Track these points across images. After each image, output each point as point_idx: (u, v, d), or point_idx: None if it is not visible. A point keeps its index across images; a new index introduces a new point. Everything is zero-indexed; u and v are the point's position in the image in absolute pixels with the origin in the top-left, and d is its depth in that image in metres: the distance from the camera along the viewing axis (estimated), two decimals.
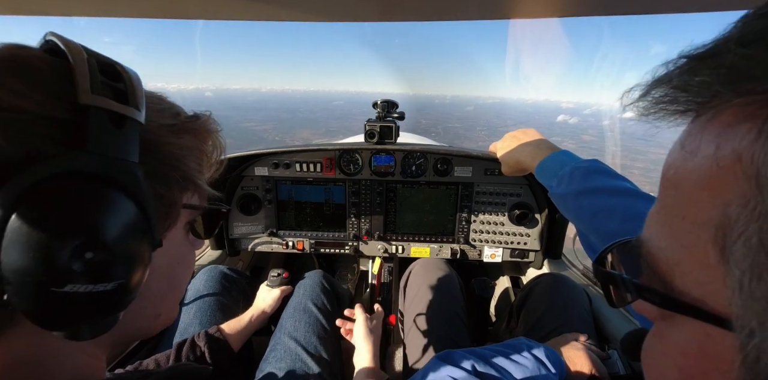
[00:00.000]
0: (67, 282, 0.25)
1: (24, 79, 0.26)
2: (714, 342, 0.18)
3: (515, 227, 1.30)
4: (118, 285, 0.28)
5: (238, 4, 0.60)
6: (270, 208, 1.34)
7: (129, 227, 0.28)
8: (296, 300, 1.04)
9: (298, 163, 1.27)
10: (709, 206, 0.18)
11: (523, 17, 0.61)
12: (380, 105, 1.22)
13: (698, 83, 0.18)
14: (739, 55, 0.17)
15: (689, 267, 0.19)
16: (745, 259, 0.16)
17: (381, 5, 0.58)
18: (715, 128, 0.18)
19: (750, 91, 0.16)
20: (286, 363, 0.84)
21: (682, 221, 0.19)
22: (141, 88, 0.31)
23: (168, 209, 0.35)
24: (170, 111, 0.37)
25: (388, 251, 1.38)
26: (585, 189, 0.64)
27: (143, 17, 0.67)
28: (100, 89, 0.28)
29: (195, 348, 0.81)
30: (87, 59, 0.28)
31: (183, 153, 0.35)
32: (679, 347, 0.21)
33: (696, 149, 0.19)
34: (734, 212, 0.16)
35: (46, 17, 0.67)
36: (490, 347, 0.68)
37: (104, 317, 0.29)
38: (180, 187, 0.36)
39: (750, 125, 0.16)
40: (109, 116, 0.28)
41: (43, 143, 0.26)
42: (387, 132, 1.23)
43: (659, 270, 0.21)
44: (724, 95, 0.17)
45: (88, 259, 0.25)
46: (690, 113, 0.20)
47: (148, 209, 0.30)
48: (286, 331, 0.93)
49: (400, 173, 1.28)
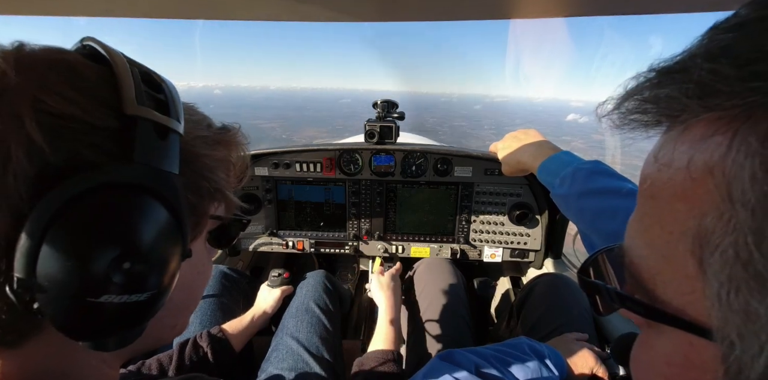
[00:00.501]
0: (104, 293, 0.25)
1: (73, 86, 0.26)
2: (698, 351, 0.18)
3: (515, 227, 1.30)
4: (151, 295, 0.28)
5: (238, 4, 0.60)
6: (270, 208, 1.34)
7: (165, 239, 0.28)
8: (299, 300, 1.04)
9: (298, 163, 1.27)
10: (686, 217, 0.18)
11: (523, 17, 0.61)
12: (380, 105, 1.22)
13: (667, 97, 0.19)
14: (706, 70, 0.17)
15: (670, 277, 0.19)
16: (722, 271, 0.16)
17: (381, 5, 0.58)
18: (686, 141, 0.19)
19: (718, 106, 0.17)
20: (288, 363, 0.84)
21: (661, 230, 0.20)
22: (179, 99, 0.31)
23: (197, 219, 0.35)
24: (204, 123, 0.37)
25: (388, 251, 1.38)
26: (587, 190, 0.64)
27: (143, 17, 0.67)
28: (144, 100, 0.28)
29: (198, 348, 0.81)
30: (129, 68, 0.28)
31: (215, 165, 0.35)
32: (665, 356, 0.21)
33: (670, 160, 0.19)
34: (710, 224, 0.17)
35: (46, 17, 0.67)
36: (491, 346, 0.68)
37: (133, 327, 0.29)
38: (210, 197, 0.36)
39: (720, 139, 0.17)
40: (153, 127, 0.27)
41: (90, 152, 0.25)
42: (387, 132, 1.23)
43: (641, 279, 0.21)
44: (693, 110, 0.18)
45: (126, 270, 0.25)
46: (662, 125, 0.20)
47: (184, 219, 0.30)
48: (289, 331, 0.93)
49: (400, 173, 1.28)
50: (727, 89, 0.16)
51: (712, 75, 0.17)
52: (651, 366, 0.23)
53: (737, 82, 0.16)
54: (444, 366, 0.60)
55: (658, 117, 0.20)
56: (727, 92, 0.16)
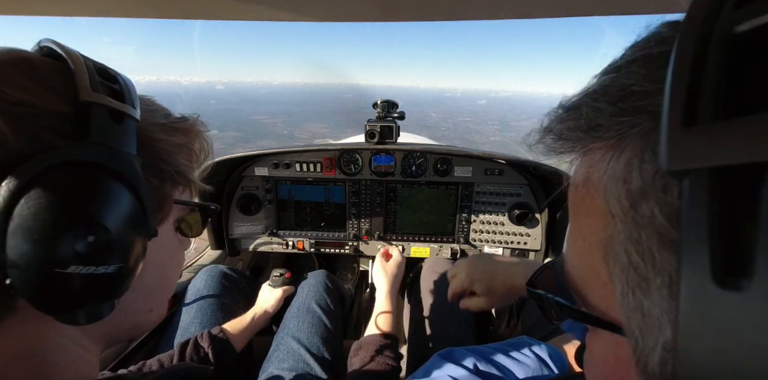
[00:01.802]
0: (71, 264, 0.26)
1: (30, 78, 0.28)
2: (622, 348, 0.20)
3: (515, 227, 1.30)
4: (118, 268, 0.29)
5: (237, 4, 0.60)
6: (270, 208, 1.34)
7: (128, 214, 0.30)
8: (300, 300, 1.04)
9: (298, 163, 1.27)
10: (595, 230, 0.20)
11: (523, 17, 0.62)
12: (380, 105, 1.22)
13: (567, 130, 0.22)
14: (591, 107, 0.20)
15: (593, 284, 0.22)
16: (621, 275, 0.18)
17: (381, 5, 0.58)
18: (583, 165, 0.22)
19: (600, 138, 0.20)
20: (289, 363, 0.84)
21: (583, 242, 0.22)
22: (135, 90, 0.34)
23: (161, 202, 0.37)
24: (161, 112, 0.39)
25: None
26: None
27: (143, 17, 0.67)
28: (98, 88, 0.30)
29: (198, 348, 0.81)
30: (84, 62, 0.30)
31: (174, 150, 0.37)
32: (601, 356, 0.23)
33: (576, 181, 0.23)
34: (608, 236, 0.19)
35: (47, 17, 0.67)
36: (492, 345, 0.68)
37: (102, 301, 0.30)
38: (172, 181, 0.37)
39: (600, 166, 0.20)
40: (108, 111, 0.29)
41: (48, 135, 0.27)
42: (387, 132, 1.23)
43: (575, 287, 0.24)
44: (585, 140, 0.21)
45: (91, 242, 0.27)
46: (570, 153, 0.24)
47: (145, 198, 0.31)
48: (290, 331, 0.93)
49: (400, 173, 1.28)
50: (605, 123, 0.19)
51: (595, 112, 0.20)
52: (594, 366, 0.25)
53: (611, 117, 0.19)
54: (444, 364, 0.60)
55: (565, 147, 0.23)
56: (605, 126, 0.19)
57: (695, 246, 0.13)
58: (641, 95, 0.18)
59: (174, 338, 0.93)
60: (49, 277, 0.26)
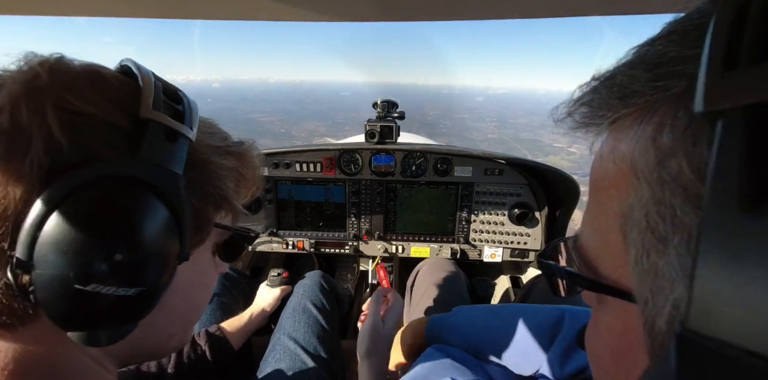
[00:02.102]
0: (92, 281, 0.26)
1: (97, 90, 0.29)
2: (631, 315, 0.21)
3: (515, 226, 1.30)
4: (140, 292, 0.28)
5: (238, 4, 0.61)
6: (270, 208, 1.34)
7: (161, 234, 0.29)
8: (295, 300, 1.04)
9: (298, 163, 1.27)
10: (617, 201, 0.21)
11: (523, 17, 0.61)
12: (380, 105, 1.22)
13: (600, 99, 0.23)
14: (626, 75, 0.21)
15: (608, 255, 0.23)
16: (638, 239, 0.19)
17: (381, 5, 0.58)
18: (611, 134, 0.23)
19: (633, 104, 0.21)
20: (286, 363, 0.84)
21: (602, 216, 0.23)
22: (197, 113, 0.34)
23: (200, 225, 0.35)
24: (219, 135, 0.39)
25: (388, 251, 1.38)
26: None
27: (143, 17, 0.67)
28: (160, 107, 0.30)
29: (196, 347, 0.81)
30: (154, 82, 0.31)
31: (224, 173, 0.36)
32: (608, 326, 0.24)
33: (602, 154, 0.23)
34: (631, 202, 0.20)
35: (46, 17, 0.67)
36: None
37: (121, 324, 0.29)
38: (215, 205, 0.36)
39: (629, 131, 0.21)
40: (164, 130, 0.29)
41: (99, 147, 0.27)
42: (387, 132, 1.23)
43: (588, 260, 0.25)
44: (616, 108, 0.22)
45: (116, 261, 0.26)
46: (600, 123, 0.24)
47: (183, 219, 0.30)
48: (286, 331, 0.93)
49: (400, 172, 1.28)
50: (640, 89, 0.20)
51: (630, 79, 0.21)
52: (598, 338, 0.26)
53: (646, 83, 0.20)
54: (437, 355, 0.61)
55: (595, 118, 0.24)
56: (639, 91, 0.20)
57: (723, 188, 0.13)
58: (678, 60, 0.18)
59: None
60: (67, 292, 0.25)
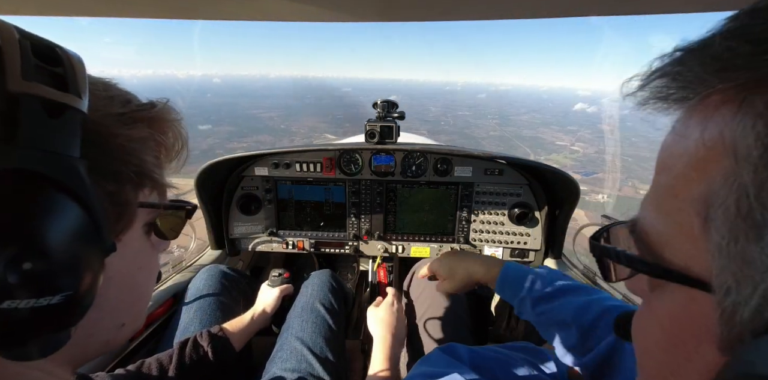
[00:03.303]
0: (5, 298, 0.22)
1: None
2: (698, 304, 0.20)
3: (515, 226, 1.30)
4: (66, 297, 0.24)
5: (238, 4, 0.61)
6: (270, 208, 1.34)
7: (72, 232, 0.25)
8: (303, 300, 1.04)
9: (298, 163, 1.27)
10: (697, 184, 0.20)
11: (523, 17, 0.61)
12: (380, 105, 1.22)
13: (689, 72, 0.21)
14: (723, 46, 0.19)
15: (677, 240, 0.22)
16: (724, 225, 0.18)
17: (381, 5, 0.58)
18: (701, 111, 0.21)
19: (732, 78, 0.19)
20: (292, 363, 0.84)
21: (674, 199, 0.22)
22: (84, 73, 0.27)
23: (120, 209, 0.31)
24: (119, 99, 0.32)
25: (388, 250, 1.38)
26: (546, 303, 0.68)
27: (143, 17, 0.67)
28: (33, 74, 0.24)
29: (198, 347, 0.81)
30: (19, 40, 0.24)
31: (135, 146, 0.31)
32: (667, 312, 0.23)
33: (685, 132, 0.21)
34: (717, 186, 0.18)
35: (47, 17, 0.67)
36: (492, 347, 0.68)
37: (53, 334, 0.26)
38: (134, 184, 0.32)
39: (731, 106, 0.19)
40: (43, 104, 0.24)
41: None
42: (387, 132, 1.23)
43: (650, 244, 0.23)
44: (709, 82, 0.20)
45: (27, 270, 0.22)
46: (682, 100, 0.22)
47: (94, 209, 0.26)
48: (293, 331, 0.93)
49: (400, 173, 1.28)
50: (742, 63, 0.18)
51: (729, 51, 0.19)
52: (651, 321, 0.25)
53: (752, 57, 0.18)
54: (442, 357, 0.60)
55: (679, 91, 0.22)
56: (741, 65, 0.18)
57: None
58: None
59: (174, 337, 0.94)
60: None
